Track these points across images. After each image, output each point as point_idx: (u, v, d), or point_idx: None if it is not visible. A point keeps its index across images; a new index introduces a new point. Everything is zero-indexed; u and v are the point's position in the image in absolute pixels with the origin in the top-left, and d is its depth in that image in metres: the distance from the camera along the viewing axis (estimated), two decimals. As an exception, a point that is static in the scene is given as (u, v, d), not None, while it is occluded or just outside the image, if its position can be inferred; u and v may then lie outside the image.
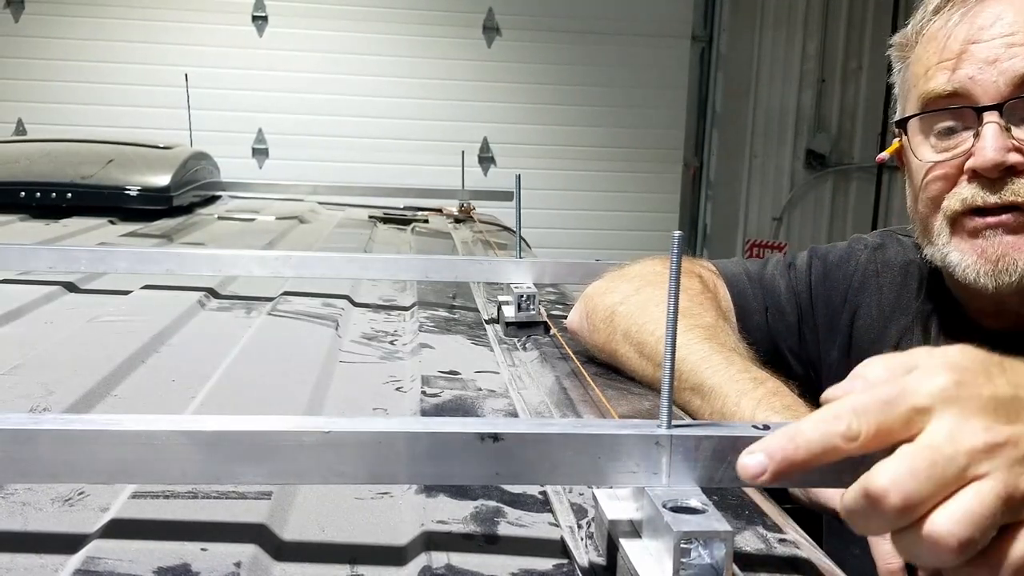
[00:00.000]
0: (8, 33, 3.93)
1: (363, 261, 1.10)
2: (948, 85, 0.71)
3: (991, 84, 0.69)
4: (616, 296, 0.78)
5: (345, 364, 0.81)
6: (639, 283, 0.78)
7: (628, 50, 4.21)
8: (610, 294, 0.79)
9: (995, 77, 0.69)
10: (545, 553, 0.44)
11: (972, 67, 0.70)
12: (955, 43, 0.72)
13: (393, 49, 4.08)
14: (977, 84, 0.70)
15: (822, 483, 0.43)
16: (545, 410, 0.70)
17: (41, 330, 0.89)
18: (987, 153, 0.68)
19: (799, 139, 4.50)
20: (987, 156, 0.68)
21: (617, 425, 0.43)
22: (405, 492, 0.51)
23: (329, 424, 0.41)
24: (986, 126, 0.69)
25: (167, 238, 1.55)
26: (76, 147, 1.99)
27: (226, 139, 3.71)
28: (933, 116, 0.73)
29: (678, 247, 0.41)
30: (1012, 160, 0.68)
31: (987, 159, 0.68)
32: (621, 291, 0.78)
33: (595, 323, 0.79)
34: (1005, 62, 0.69)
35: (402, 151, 4.07)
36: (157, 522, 0.45)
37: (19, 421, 0.40)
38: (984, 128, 0.69)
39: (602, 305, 0.78)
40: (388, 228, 1.89)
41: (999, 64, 0.69)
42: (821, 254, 0.88)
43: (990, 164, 0.68)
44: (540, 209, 3.95)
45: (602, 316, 0.78)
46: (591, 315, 0.80)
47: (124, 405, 0.67)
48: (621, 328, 0.75)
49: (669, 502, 0.39)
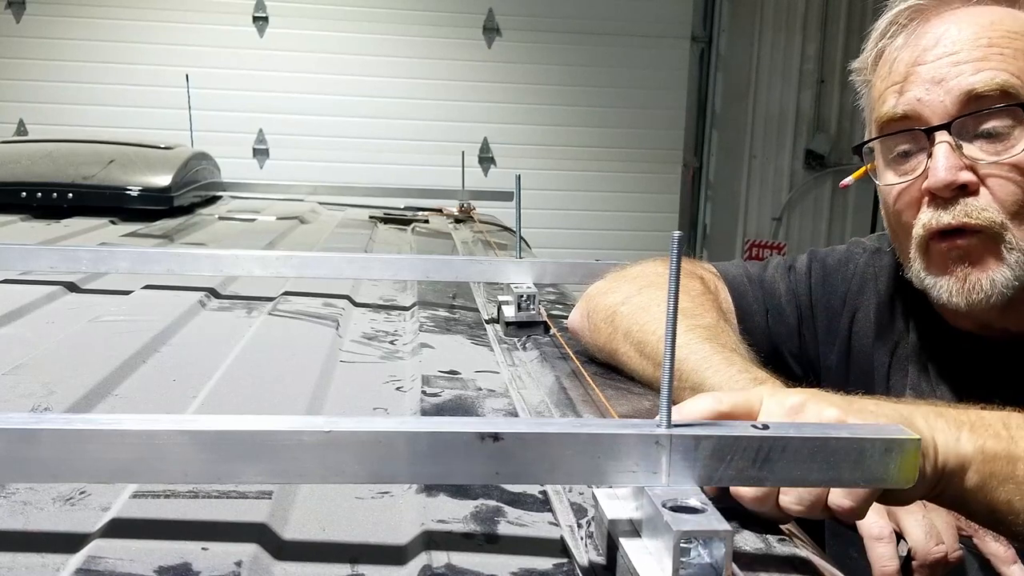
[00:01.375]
0: (9, 34, 3.93)
1: (363, 261, 1.10)
2: (898, 108, 0.71)
3: (939, 104, 0.69)
4: (618, 296, 0.78)
5: (346, 364, 0.81)
6: (641, 283, 0.79)
7: (628, 51, 4.21)
8: (612, 294, 0.79)
9: (942, 96, 0.69)
10: (545, 552, 0.44)
11: (919, 88, 0.70)
12: (902, 65, 0.72)
13: (393, 50, 4.08)
14: (925, 105, 0.70)
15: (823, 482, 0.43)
16: (545, 410, 0.70)
17: (42, 330, 0.89)
18: (939, 173, 0.68)
19: (798, 140, 4.50)
20: (939, 176, 0.68)
21: (617, 425, 0.43)
22: (405, 491, 0.51)
23: (330, 424, 0.41)
24: (937, 146, 0.69)
25: (168, 238, 1.55)
26: (77, 147, 1.99)
27: (227, 139, 3.71)
28: (890, 140, 0.73)
29: (678, 247, 0.41)
30: (963, 179, 0.68)
31: (938, 179, 0.68)
32: (623, 291, 0.78)
33: (596, 322, 0.79)
34: (951, 81, 0.68)
35: (402, 151, 4.07)
36: (158, 521, 0.45)
37: (20, 420, 0.40)
38: (936, 148, 0.69)
39: (603, 305, 0.79)
40: (388, 228, 1.89)
41: (945, 83, 0.69)
42: (820, 257, 0.88)
43: (941, 184, 0.68)
44: (540, 209, 3.95)
45: (603, 316, 0.78)
46: (592, 314, 0.80)
47: (125, 405, 0.67)
48: (622, 328, 0.75)
49: (669, 501, 0.40)
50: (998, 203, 0.68)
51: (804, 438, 0.42)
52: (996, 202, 0.68)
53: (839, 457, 0.42)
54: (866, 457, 0.42)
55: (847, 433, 0.43)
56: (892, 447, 0.43)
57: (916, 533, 0.55)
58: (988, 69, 0.67)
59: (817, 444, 0.42)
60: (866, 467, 0.43)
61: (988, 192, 0.68)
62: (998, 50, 0.68)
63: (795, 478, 0.42)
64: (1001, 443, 0.49)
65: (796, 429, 0.43)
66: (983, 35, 0.68)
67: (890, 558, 0.54)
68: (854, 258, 0.87)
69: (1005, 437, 0.49)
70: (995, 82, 0.67)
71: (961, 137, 0.69)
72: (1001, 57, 0.67)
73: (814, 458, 0.42)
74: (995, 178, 0.68)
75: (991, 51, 0.68)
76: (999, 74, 0.67)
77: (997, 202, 0.68)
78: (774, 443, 0.42)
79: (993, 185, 0.68)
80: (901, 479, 0.43)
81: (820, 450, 0.42)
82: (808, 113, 4.47)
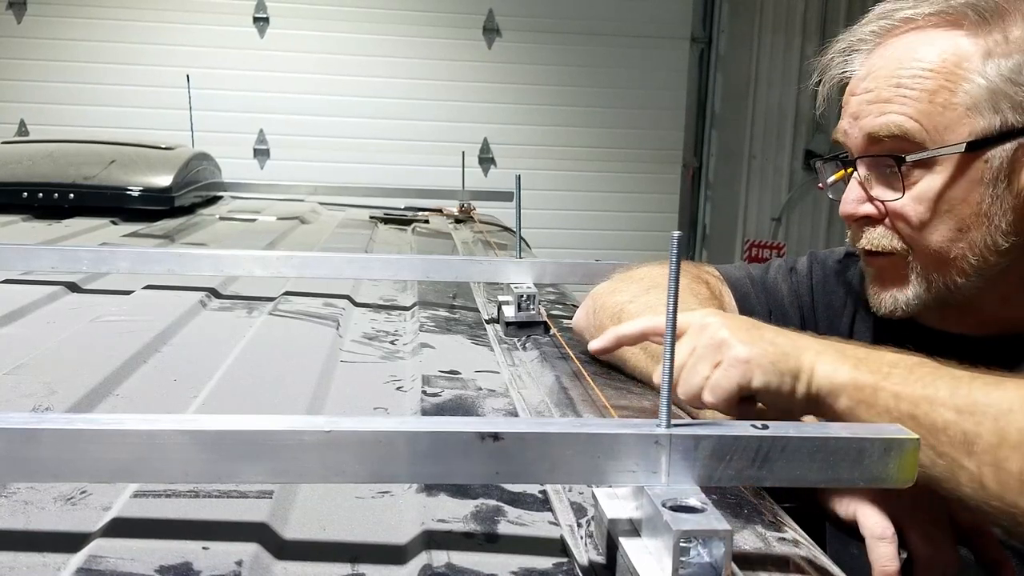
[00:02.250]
0: (10, 34, 3.93)
1: (364, 261, 1.10)
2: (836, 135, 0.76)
3: (854, 140, 0.73)
4: (625, 296, 0.78)
5: (346, 364, 0.81)
6: (648, 284, 0.79)
7: (628, 52, 4.21)
8: (618, 294, 0.80)
9: (856, 133, 0.72)
10: (545, 552, 0.44)
11: (846, 120, 0.74)
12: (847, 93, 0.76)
13: (393, 50, 4.09)
14: (848, 138, 0.74)
15: (822, 481, 0.43)
16: (545, 409, 0.70)
17: (43, 330, 0.89)
18: (844, 205, 0.74)
19: (798, 140, 4.50)
20: (844, 208, 0.74)
21: (616, 424, 0.43)
22: (406, 491, 0.51)
23: (330, 423, 0.41)
24: (852, 176, 0.73)
25: (169, 238, 1.55)
26: (78, 148, 2.00)
27: (228, 140, 3.71)
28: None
29: (677, 247, 0.41)
30: (863, 212, 0.73)
31: (843, 210, 0.74)
32: (630, 291, 0.79)
33: (602, 320, 0.79)
34: (863, 119, 0.72)
35: (403, 152, 4.08)
36: (159, 521, 0.45)
37: (22, 420, 0.40)
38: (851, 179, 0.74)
39: (610, 303, 0.79)
40: (389, 228, 1.89)
41: (859, 121, 0.72)
42: (821, 259, 0.90)
43: (843, 215, 0.74)
44: (540, 209, 3.95)
45: (609, 314, 0.78)
46: (598, 312, 0.80)
47: (126, 404, 0.67)
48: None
49: (668, 501, 0.40)
50: (895, 233, 0.72)
51: (803, 437, 0.42)
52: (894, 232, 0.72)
53: (838, 457, 0.42)
54: (865, 456, 0.43)
55: (847, 433, 0.43)
56: (891, 447, 0.43)
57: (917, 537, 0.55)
58: (889, 113, 0.69)
59: (816, 444, 0.42)
60: (865, 466, 0.43)
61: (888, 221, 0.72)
62: (904, 91, 0.69)
63: (794, 477, 0.43)
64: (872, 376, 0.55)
65: (796, 429, 0.43)
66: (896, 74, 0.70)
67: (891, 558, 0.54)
68: (854, 261, 0.88)
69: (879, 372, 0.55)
70: (888, 129, 0.69)
71: (869, 171, 0.72)
72: (904, 100, 0.69)
73: (813, 457, 0.42)
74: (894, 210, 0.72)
75: (898, 92, 0.70)
76: (895, 118, 0.69)
77: (895, 232, 0.72)
78: (773, 443, 0.42)
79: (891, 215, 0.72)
80: (900, 479, 0.43)
81: (819, 450, 0.42)
82: (807, 114, 4.47)
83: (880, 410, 0.54)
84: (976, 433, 0.50)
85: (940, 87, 0.68)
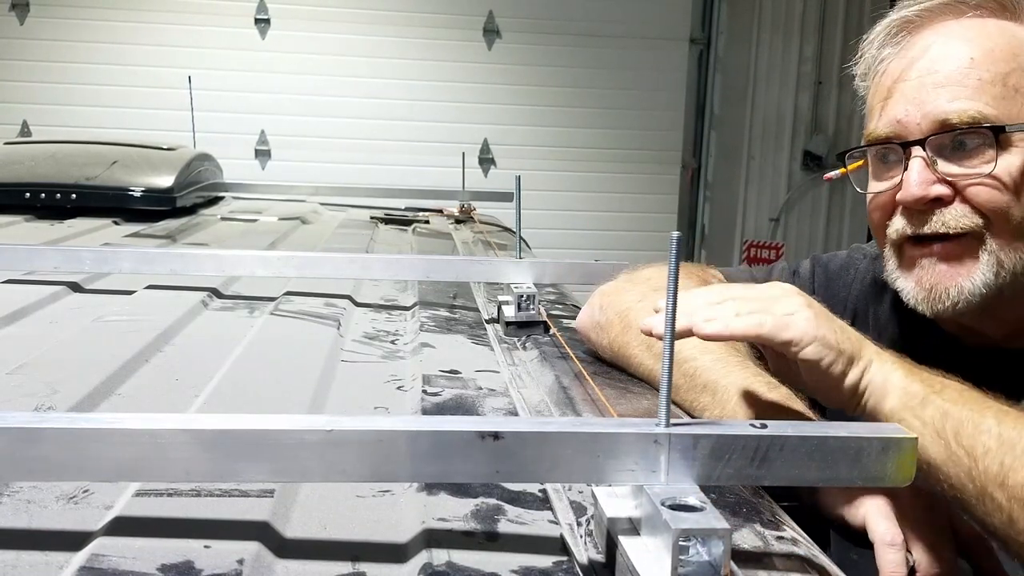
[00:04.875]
0: (13, 36, 3.94)
1: (365, 261, 1.10)
2: (880, 128, 0.73)
3: (915, 126, 0.71)
4: (633, 295, 0.79)
5: (347, 363, 0.81)
6: (656, 284, 0.80)
7: (627, 53, 4.21)
8: (626, 293, 0.80)
9: (919, 119, 0.70)
10: (545, 550, 0.45)
11: (900, 107, 0.72)
12: (888, 79, 0.74)
13: (394, 51, 4.09)
14: (904, 125, 0.72)
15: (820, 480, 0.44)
16: (545, 409, 0.70)
17: (46, 330, 0.89)
18: (911, 188, 0.70)
19: (796, 141, 4.50)
20: (911, 191, 0.70)
21: (616, 424, 0.43)
22: (406, 490, 0.51)
23: (331, 423, 0.41)
24: (912, 160, 0.70)
25: (171, 239, 1.55)
26: (80, 148, 2.00)
27: (229, 140, 3.71)
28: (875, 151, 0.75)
29: (676, 248, 0.42)
30: (935, 193, 0.70)
31: (910, 194, 0.70)
32: (637, 291, 0.79)
33: (609, 318, 0.79)
34: (928, 105, 0.70)
35: (403, 152, 4.08)
36: (161, 520, 0.46)
37: (24, 420, 0.41)
38: (910, 162, 0.71)
39: (618, 301, 0.79)
40: (389, 229, 1.90)
41: (923, 106, 0.70)
42: (823, 262, 0.90)
43: (912, 199, 0.70)
44: (540, 210, 3.95)
45: (617, 311, 0.78)
46: (605, 309, 0.80)
47: (128, 404, 0.67)
48: (635, 326, 0.76)
49: (667, 500, 0.40)
50: (974, 211, 0.70)
51: (802, 437, 0.43)
52: (972, 210, 0.70)
53: (837, 456, 0.43)
54: (863, 456, 0.43)
55: (845, 432, 0.43)
56: (889, 446, 0.43)
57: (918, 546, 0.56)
58: (963, 98, 0.68)
59: (815, 443, 0.43)
60: (863, 466, 0.43)
61: (963, 201, 0.70)
62: (976, 75, 0.68)
63: (793, 476, 0.43)
64: (924, 388, 0.57)
65: (794, 428, 0.43)
66: (965, 55, 0.69)
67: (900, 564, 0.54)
68: (855, 263, 0.88)
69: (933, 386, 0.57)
70: (968, 114, 0.68)
71: (936, 153, 0.70)
72: (979, 83, 0.68)
73: (812, 457, 0.43)
74: (971, 187, 0.69)
75: (970, 76, 0.68)
76: (974, 104, 0.68)
77: (974, 210, 0.70)
78: (772, 442, 0.42)
79: (969, 193, 0.70)
80: (899, 477, 0.43)
81: (818, 449, 0.43)
82: (806, 115, 4.47)
83: (925, 420, 0.55)
84: (1012, 467, 0.51)
85: (1012, 70, 0.68)
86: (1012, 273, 0.69)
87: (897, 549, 0.54)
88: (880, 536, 0.55)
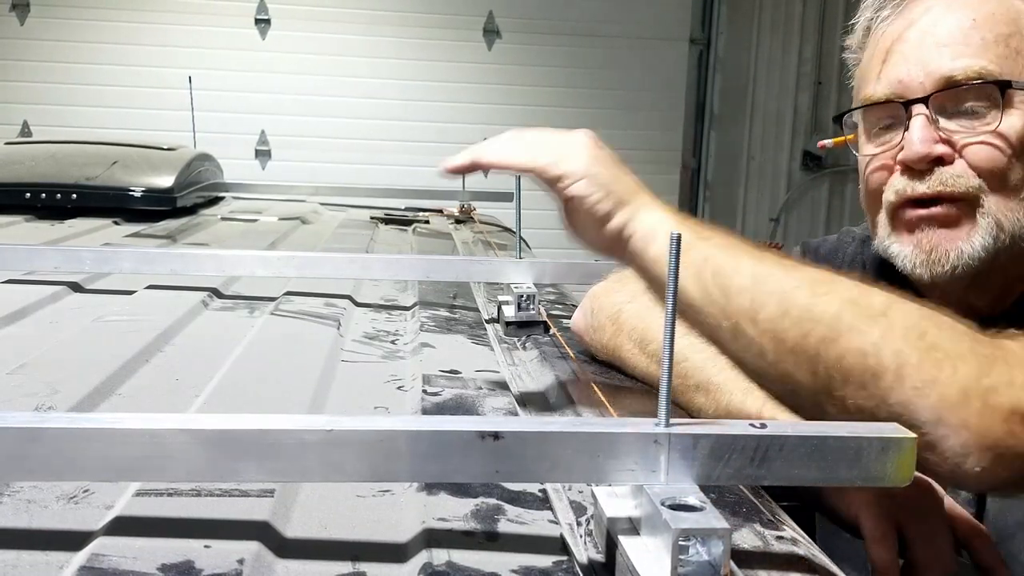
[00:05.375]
0: (13, 36, 3.94)
1: (365, 261, 1.10)
2: (879, 89, 0.72)
3: (918, 85, 0.70)
4: (624, 295, 0.79)
5: (347, 363, 0.81)
6: None
7: (627, 53, 4.21)
8: (617, 293, 0.80)
9: (922, 78, 0.70)
10: (545, 550, 0.45)
11: (901, 68, 0.71)
12: (887, 40, 0.72)
13: (394, 52, 4.09)
14: (905, 86, 0.71)
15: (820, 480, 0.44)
16: (545, 409, 0.70)
17: (46, 330, 0.89)
18: (914, 146, 0.69)
19: (796, 141, 4.50)
20: (914, 148, 0.69)
21: (616, 423, 0.43)
22: (406, 490, 0.51)
23: (331, 423, 0.41)
24: (914, 119, 0.70)
25: (171, 239, 1.55)
26: (81, 149, 2.00)
27: (229, 141, 3.72)
28: (872, 114, 0.74)
29: (676, 248, 0.42)
30: (939, 151, 0.69)
31: (914, 151, 0.69)
32: (628, 290, 0.79)
33: (601, 321, 0.79)
34: (931, 64, 0.69)
35: (403, 152, 4.08)
36: (161, 519, 0.46)
37: (24, 419, 0.41)
38: (912, 121, 0.70)
39: (608, 303, 0.79)
40: (389, 229, 1.90)
41: (925, 66, 0.69)
42: (813, 247, 0.90)
43: (916, 156, 0.69)
44: (540, 210, 3.93)
45: (608, 314, 0.78)
46: (596, 313, 0.80)
47: (128, 404, 0.67)
48: (628, 326, 0.76)
49: (667, 500, 0.40)
50: (974, 169, 0.69)
51: (801, 437, 0.43)
52: (972, 169, 0.69)
53: (837, 456, 0.43)
54: (863, 456, 0.43)
55: (845, 432, 0.43)
56: (889, 446, 0.43)
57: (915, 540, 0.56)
58: (967, 56, 0.68)
59: (815, 443, 0.43)
60: (863, 465, 0.43)
61: (963, 161, 0.69)
62: (979, 34, 0.68)
63: (793, 476, 0.43)
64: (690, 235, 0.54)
65: (794, 428, 0.43)
66: (967, 16, 0.68)
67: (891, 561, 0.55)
68: (844, 247, 0.88)
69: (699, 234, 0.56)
70: (972, 70, 0.67)
71: (937, 112, 0.70)
72: (982, 42, 0.68)
73: (812, 457, 0.43)
74: (971, 146, 0.69)
75: (972, 36, 0.68)
76: (978, 62, 0.67)
77: (973, 169, 0.69)
78: (772, 442, 0.42)
79: (969, 153, 0.69)
80: (898, 477, 0.43)
81: (817, 449, 0.43)
82: (805, 115, 4.48)
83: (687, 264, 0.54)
84: (763, 303, 0.52)
85: (1013, 32, 0.68)
86: (1011, 236, 0.69)
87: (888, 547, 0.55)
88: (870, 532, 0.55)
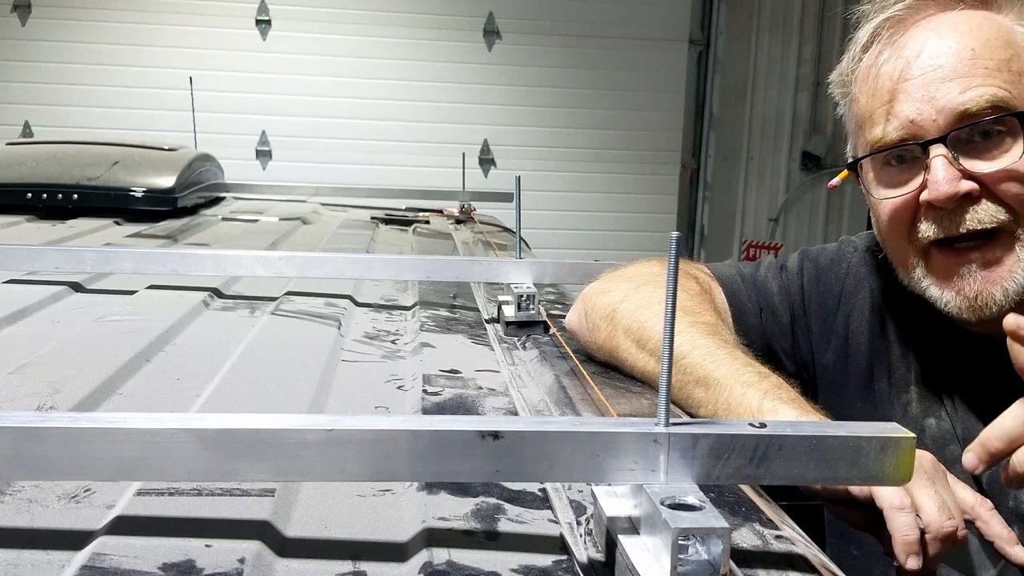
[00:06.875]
0: (15, 37, 3.95)
1: (365, 261, 1.10)
2: (891, 132, 0.71)
3: (931, 123, 0.69)
4: (616, 295, 0.79)
5: (347, 363, 0.81)
6: (638, 282, 0.79)
7: (627, 53, 4.22)
8: (610, 293, 0.80)
9: (934, 116, 0.69)
10: (545, 549, 0.45)
11: (910, 107, 0.69)
12: (888, 81, 0.71)
13: (394, 53, 4.09)
14: (918, 125, 0.69)
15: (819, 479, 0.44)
16: (545, 408, 0.70)
17: (48, 329, 0.89)
18: (940, 187, 0.68)
19: (795, 141, 4.51)
20: (940, 189, 0.68)
21: (615, 423, 0.43)
22: (406, 489, 0.51)
23: (332, 422, 0.41)
24: (934, 160, 0.68)
25: (172, 239, 1.55)
26: (82, 149, 2.00)
27: (230, 141, 3.72)
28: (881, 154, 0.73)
29: (676, 248, 0.42)
30: (965, 188, 0.68)
31: (940, 192, 0.68)
32: (621, 290, 0.79)
33: (595, 321, 0.79)
34: (940, 100, 0.68)
35: (404, 153, 4.08)
36: (162, 519, 0.46)
37: (26, 419, 0.41)
38: (932, 161, 0.69)
39: (602, 303, 0.79)
40: (390, 229, 1.90)
41: (935, 102, 0.68)
42: (812, 256, 0.89)
43: (944, 196, 0.68)
44: (540, 210, 3.96)
45: (602, 314, 0.78)
46: (590, 313, 0.80)
47: (129, 403, 0.67)
48: (622, 325, 0.76)
49: (667, 499, 0.40)
50: (1003, 205, 0.68)
51: (800, 436, 0.43)
52: (1001, 205, 0.68)
53: (836, 455, 0.43)
54: (862, 455, 0.43)
55: (844, 432, 0.43)
56: (888, 445, 0.43)
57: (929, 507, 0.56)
58: (976, 87, 0.67)
59: (814, 442, 0.43)
60: (862, 465, 0.43)
61: (991, 196, 0.68)
62: (983, 63, 0.67)
63: (792, 475, 0.43)
64: None
65: (793, 428, 0.44)
66: (966, 47, 0.68)
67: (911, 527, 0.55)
68: (846, 257, 0.88)
69: None
70: (984, 99, 0.67)
71: (956, 149, 0.69)
72: (986, 71, 0.67)
73: (811, 456, 0.43)
74: (996, 179, 0.68)
75: (976, 65, 0.68)
76: (988, 90, 0.67)
77: (1002, 204, 0.68)
78: (771, 441, 0.42)
79: (996, 189, 0.68)
80: (897, 476, 0.43)
81: (817, 448, 0.43)
82: (805, 115, 4.48)
83: None
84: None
85: (1012, 55, 0.68)
86: None
87: (907, 512, 0.55)
88: (888, 501, 0.55)
